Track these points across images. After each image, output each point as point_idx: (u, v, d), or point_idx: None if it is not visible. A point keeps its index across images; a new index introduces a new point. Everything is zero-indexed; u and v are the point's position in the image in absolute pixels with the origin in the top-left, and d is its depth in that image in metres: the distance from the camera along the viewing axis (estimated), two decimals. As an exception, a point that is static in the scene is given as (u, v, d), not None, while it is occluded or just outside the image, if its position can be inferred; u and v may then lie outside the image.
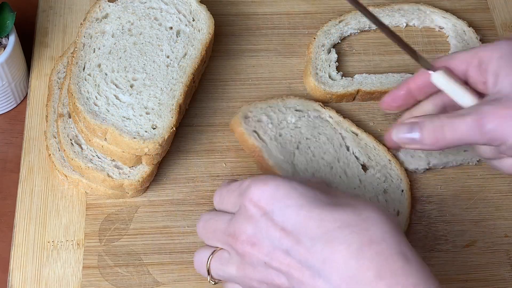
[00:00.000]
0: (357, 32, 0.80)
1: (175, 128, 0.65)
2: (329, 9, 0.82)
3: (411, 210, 0.69)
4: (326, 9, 0.82)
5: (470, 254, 0.67)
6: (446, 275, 0.66)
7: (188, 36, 0.71)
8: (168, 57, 0.69)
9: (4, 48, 0.68)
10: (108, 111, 0.65)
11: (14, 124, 0.73)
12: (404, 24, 0.81)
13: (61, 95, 0.70)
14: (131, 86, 0.67)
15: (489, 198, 0.71)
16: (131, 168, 0.66)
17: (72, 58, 0.68)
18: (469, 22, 0.80)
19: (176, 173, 0.70)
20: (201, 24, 0.72)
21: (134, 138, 0.63)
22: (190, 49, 0.70)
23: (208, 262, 0.55)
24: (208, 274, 0.56)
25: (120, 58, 0.69)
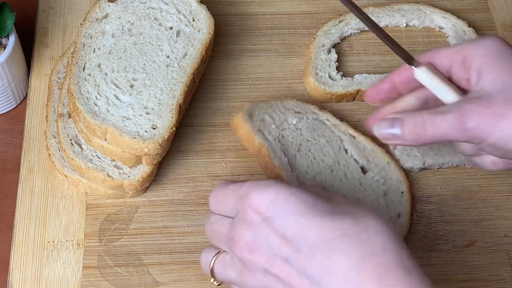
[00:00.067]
0: (357, 32, 0.80)
1: (175, 128, 0.65)
2: (329, 9, 0.82)
3: (412, 211, 0.69)
4: (326, 9, 0.82)
5: (470, 254, 0.67)
6: (446, 275, 0.66)
7: (188, 36, 0.71)
8: (168, 57, 0.69)
9: (4, 48, 0.68)
10: (108, 111, 0.65)
11: (14, 124, 0.73)
12: (404, 24, 0.81)
13: (61, 95, 0.70)
14: (131, 86, 0.67)
15: (489, 198, 0.71)
16: (131, 168, 0.66)
17: (72, 58, 0.68)
18: (469, 22, 0.80)
19: (176, 173, 0.70)
20: (201, 24, 0.72)
21: (134, 138, 0.63)
22: (190, 49, 0.70)
23: (212, 264, 0.55)
24: (212, 275, 0.56)
25: (120, 58, 0.69)
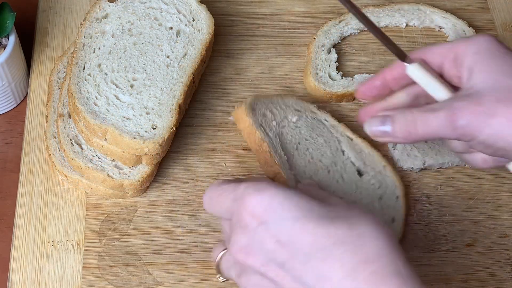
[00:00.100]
0: (357, 32, 0.80)
1: (175, 128, 0.65)
2: (329, 9, 0.82)
3: (407, 216, 0.68)
4: (326, 9, 0.82)
5: (470, 254, 0.67)
6: (446, 275, 0.66)
7: (188, 36, 0.71)
8: (168, 57, 0.69)
9: (4, 48, 0.68)
10: (108, 111, 0.65)
11: (14, 124, 0.73)
12: (404, 24, 0.81)
13: (61, 95, 0.70)
14: (131, 86, 0.67)
15: (489, 198, 0.71)
16: (131, 168, 0.66)
17: (72, 58, 0.68)
18: (469, 22, 0.80)
19: (176, 173, 0.70)
20: (201, 24, 0.72)
21: (134, 138, 0.63)
22: (190, 49, 0.70)
23: (218, 260, 0.56)
24: (219, 271, 0.57)
25: (120, 58, 0.69)
